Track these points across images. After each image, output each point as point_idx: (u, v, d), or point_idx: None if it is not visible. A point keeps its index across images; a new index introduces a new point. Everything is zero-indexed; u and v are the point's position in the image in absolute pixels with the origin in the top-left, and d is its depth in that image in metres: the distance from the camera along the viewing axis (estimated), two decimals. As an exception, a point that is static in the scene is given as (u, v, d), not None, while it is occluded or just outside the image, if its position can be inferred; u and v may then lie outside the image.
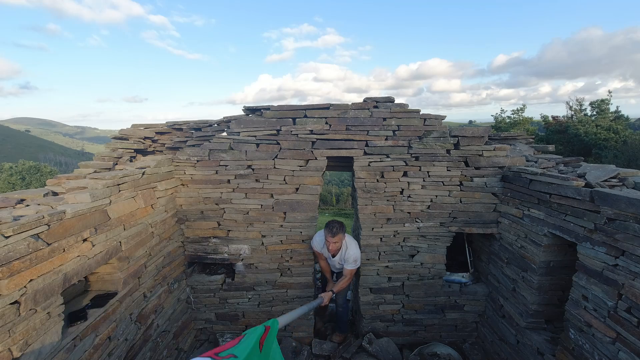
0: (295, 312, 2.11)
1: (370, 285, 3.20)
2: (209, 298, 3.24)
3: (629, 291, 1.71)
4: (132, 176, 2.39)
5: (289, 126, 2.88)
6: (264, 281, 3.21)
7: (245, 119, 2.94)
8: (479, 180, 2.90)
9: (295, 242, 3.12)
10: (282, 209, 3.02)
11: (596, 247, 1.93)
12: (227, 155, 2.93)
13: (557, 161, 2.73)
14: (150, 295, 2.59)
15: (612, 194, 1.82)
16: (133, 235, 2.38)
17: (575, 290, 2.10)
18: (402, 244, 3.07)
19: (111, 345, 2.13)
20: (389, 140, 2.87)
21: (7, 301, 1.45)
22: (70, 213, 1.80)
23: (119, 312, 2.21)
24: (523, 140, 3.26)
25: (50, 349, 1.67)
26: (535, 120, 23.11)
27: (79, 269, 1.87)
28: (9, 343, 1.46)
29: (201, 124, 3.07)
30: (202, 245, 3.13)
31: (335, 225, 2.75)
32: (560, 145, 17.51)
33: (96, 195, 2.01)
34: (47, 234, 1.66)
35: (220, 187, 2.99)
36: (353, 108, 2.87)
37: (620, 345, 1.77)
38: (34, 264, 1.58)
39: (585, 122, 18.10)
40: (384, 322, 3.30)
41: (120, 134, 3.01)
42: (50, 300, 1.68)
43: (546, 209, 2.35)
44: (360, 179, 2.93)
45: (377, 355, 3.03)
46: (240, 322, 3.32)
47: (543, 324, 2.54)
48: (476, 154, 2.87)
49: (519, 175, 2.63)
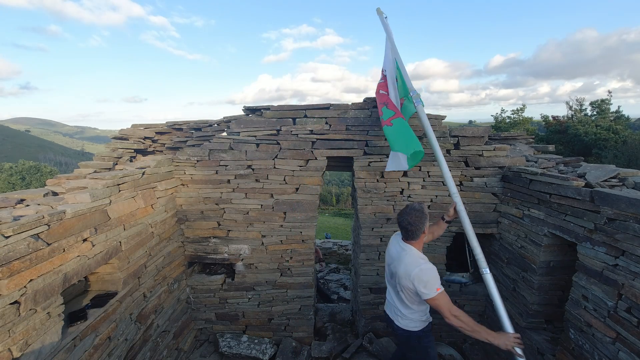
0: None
1: (370, 285, 3.20)
2: (209, 298, 3.24)
3: (629, 291, 1.71)
4: (132, 176, 2.39)
5: (289, 126, 2.88)
6: (264, 281, 3.21)
7: (245, 119, 2.94)
8: (479, 180, 2.90)
9: (295, 242, 3.12)
10: (282, 209, 3.02)
11: (596, 247, 1.93)
12: (227, 155, 2.93)
13: (557, 161, 2.73)
14: (150, 295, 2.59)
15: (612, 194, 1.82)
16: (133, 235, 2.38)
17: (575, 290, 2.10)
18: (402, 244, 3.07)
19: (111, 345, 2.12)
20: (389, 140, 2.87)
21: (7, 301, 1.45)
22: (70, 213, 1.80)
23: (119, 312, 2.21)
24: (523, 140, 3.26)
25: (50, 349, 1.67)
26: (535, 120, 23.12)
27: (79, 269, 1.87)
28: (9, 343, 1.46)
29: (201, 124, 3.07)
30: (202, 245, 3.13)
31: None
32: (560, 145, 17.52)
33: (96, 195, 2.01)
34: (47, 234, 1.66)
35: (220, 187, 2.99)
36: (353, 108, 2.87)
37: (620, 345, 1.77)
38: (34, 264, 1.58)
39: (585, 122, 18.11)
40: (384, 322, 3.29)
41: (120, 134, 3.02)
42: (50, 300, 1.68)
43: (546, 209, 2.35)
44: (360, 179, 2.93)
45: (378, 355, 3.03)
46: (240, 322, 3.32)
47: (543, 324, 2.54)
48: (476, 154, 2.87)
49: (519, 175, 2.63)
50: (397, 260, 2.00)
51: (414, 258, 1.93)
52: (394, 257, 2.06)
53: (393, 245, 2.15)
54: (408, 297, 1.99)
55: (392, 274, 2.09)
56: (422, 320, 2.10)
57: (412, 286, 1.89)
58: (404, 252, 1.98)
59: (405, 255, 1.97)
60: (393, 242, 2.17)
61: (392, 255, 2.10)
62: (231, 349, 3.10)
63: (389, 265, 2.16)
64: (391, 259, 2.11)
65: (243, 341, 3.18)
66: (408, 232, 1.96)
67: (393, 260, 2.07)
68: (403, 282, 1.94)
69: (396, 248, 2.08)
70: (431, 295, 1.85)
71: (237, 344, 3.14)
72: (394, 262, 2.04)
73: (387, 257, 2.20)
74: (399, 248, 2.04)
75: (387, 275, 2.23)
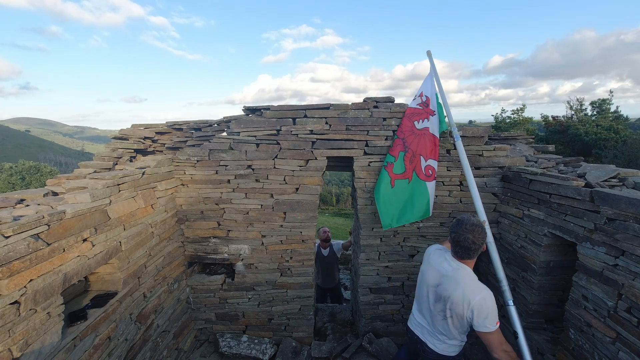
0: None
1: (370, 285, 3.20)
2: (209, 298, 3.24)
3: (629, 291, 1.71)
4: (132, 176, 2.39)
5: (289, 126, 2.88)
6: (264, 281, 3.21)
7: (245, 119, 2.94)
8: (479, 180, 2.90)
9: (295, 242, 3.11)
10: (282, 209, 3.02)
11: (596, 247, 1.93)
12: (227, 155, 2.93)
13: (557, 161, 2.73)
14: (150, 295, 2.59)
15: (612, 194, 1.82)
16: (133, 235, 2.38)
17: (575, 290, 2.10)
18: (402, 244, 3.07)
19: (111, 345, 2.12)
20: (389, 140, 2.87)
21: (7, 301, 1.45)
22: (70, 213, 1.80)
23: (119, 312, 2.21)
24: (523, 140, 3.26)
25: (50, 349, 1.67)
26: (536, 120, 23.13)
27: (79, 269, 1.87)
28: (9, 343, 1.46)
29: (201, 124, 3.07)
30: (202, 245, 3.13)
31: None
32: (561, 145, 17.53)
33: (96, 195, 2.01)
34: (47, 234, 1.66)
35: (220, 187, 2.99)
36: (353, 108, 2.87)
37: (620, 345, 1.77)
38: (34, 264, 1.58)
39: (586, 122, 18.12)
40: (384, 322, 3.30)
41: (120, 134, 3.02)
42: (50, 300, 1.68)
43: (546, 209, 2.35)
44: (360, 179, 2.93)
45: (377, 355, 3.03)
46: (240, 322, 3.32)
47: (543, 324, 2.54)
48: (476, 154, 2.87)
49: (519, 175, 2.63)
50: (450, 282, 1.72)
51: (474, 283, 1.69)
52: (444, 278, 1.76)
53: (438, 264, 1.84)
54: (457, 325, 1.73)
55: (438, 297, 1.80)
56: (461, 344, 1.89)
57: (469, 315, 1.66)
58: (460, 273, 1.72)
59: (462, 277, 1.70)
60: (437, 259, 1.87)
61: (441, 274, 1.79)
62: (231, 349, 3.10)
63: (435, 287, 1.83)
64: (438, 279, 1.81)
65: (243, 341, 3.18)
66: (467, 251, 1.70)
67: (442, 282, 1.77)
68: (457, 308, 1.68)
69: (445, 267, 1.79)
70: (490, 329, 1.62)
71: (237, 344, 3.15)
72: (444, 284, 1.75)
73: (430, 277, 1.88)
74: (450, 268, 1.76)
75: (424, 295, 1.92)
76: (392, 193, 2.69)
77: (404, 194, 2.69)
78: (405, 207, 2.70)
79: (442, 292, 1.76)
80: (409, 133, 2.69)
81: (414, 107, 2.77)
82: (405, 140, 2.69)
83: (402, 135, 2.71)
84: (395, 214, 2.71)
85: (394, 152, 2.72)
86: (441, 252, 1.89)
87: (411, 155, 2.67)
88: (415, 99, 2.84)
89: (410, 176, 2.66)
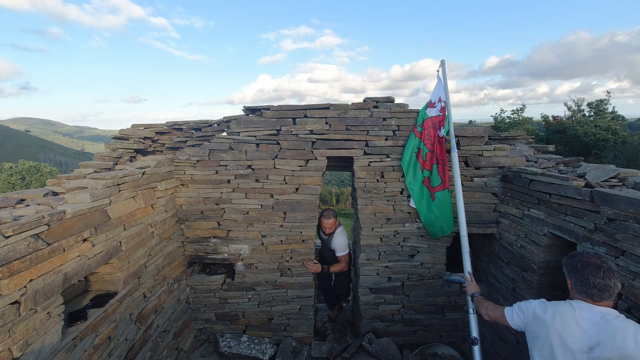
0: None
1: (370, 285, 3.20)
2: (209, 298, 3.24)
3: (629, 291, 1.71)
4: (132, 176, 2.38)
5: (289, 126, 2.88)
6: (264, 281, 3.21)
7: (245, 119, 2.94)
8: (479, 180, 2.90)
9: (295, 242, 3.11)
10: (282, 209, 3.01)
11: (596, 247, 1.93)
12: (227, 155, 2.93)
13: (557, 161, 2.73)
14: (150, 295, 2.59)
15: (612, 194, 1.82)
16: (133, 235, 2.38)
17: (575, 290, 2.10)
18: (402, 244, 3.07)
19: (111, 345, 2.12)
20: (389, 140, 2.87)
21: (7, 301, 1.45)
22: (70, 213, 1.80)
23: (119, 312, 2.21)
24: (523, 140, 3.26)
25: (50, 349, 1.67)
26: (535, 120, 23.13)
27: (79, 269, 1.87)
28: (9, 343, 1.46)
29: (201, 124, 3.07)
30: (202, 245, 3.13)
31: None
32: (560, 146, 17.54)
33: (96, 195, 2.01)
34: (47, 234, 1.66)
35: (220, 187, 2.99)
36: (353, 108, 2.87)
37: (620, 345, 1.77)
38: (34, 264, 1.58)
39: (584, 123, 18.12)
40: (384, 322, 3.30)
41: (120, 134, 3.02)
42: (50, 300, 1.68)
43: (546, 209, 2.35)
44: (360, 179, 2.93)
45: (377, 355, 3.03)
46: (240, 322, 3.32)
47: (543, 324, 2.53)
48: (476, 154, 2.87)
49: (519, 175, 2.63)
50: (610, 332, 1.34)
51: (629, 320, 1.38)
52: (598, 333, 1.37)
53: (578, 318, 1.43)
54: None
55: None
56: None
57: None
58: (616, 318, 1.38)
59: (623, 323, 1.37)
60: (569, 314, 1.45)
61: (591, 330, 1.38)
62: (231, 349, 3.10)
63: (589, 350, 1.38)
64: (588, 337, 1.38)
65: (243, 341, 3.18)
66: (612, 293, 1.42)
67: (600, 342, 1.35)
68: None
69: (591, 317, 1.41)
70: None
71: (237, 344, 3.14)
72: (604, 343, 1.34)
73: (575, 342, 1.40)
74: (600, 315, 1.40)
75: None
76: (434, 205, 2.83)
77: (447, 202, 2.82)
78: (451, 214, 2.86)
79: (603, 353, 1.35)
80: (437, 144, 2.76)
81: (436, 115, 2.78)
82: (435, 152, 2.76)
83: (431, 148, 2.76)
84: (444, 225, 2.87)
85: (427, 165, 2.77)
86: (570, 305, 1.48)
87: (442, 165, 2.76)
88: (436, 106, 2.81)
89: (447, 185, 2.79)
